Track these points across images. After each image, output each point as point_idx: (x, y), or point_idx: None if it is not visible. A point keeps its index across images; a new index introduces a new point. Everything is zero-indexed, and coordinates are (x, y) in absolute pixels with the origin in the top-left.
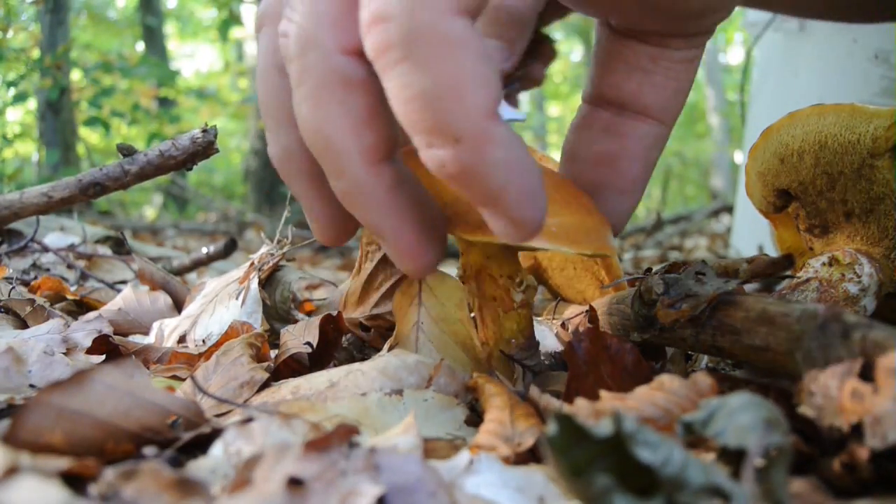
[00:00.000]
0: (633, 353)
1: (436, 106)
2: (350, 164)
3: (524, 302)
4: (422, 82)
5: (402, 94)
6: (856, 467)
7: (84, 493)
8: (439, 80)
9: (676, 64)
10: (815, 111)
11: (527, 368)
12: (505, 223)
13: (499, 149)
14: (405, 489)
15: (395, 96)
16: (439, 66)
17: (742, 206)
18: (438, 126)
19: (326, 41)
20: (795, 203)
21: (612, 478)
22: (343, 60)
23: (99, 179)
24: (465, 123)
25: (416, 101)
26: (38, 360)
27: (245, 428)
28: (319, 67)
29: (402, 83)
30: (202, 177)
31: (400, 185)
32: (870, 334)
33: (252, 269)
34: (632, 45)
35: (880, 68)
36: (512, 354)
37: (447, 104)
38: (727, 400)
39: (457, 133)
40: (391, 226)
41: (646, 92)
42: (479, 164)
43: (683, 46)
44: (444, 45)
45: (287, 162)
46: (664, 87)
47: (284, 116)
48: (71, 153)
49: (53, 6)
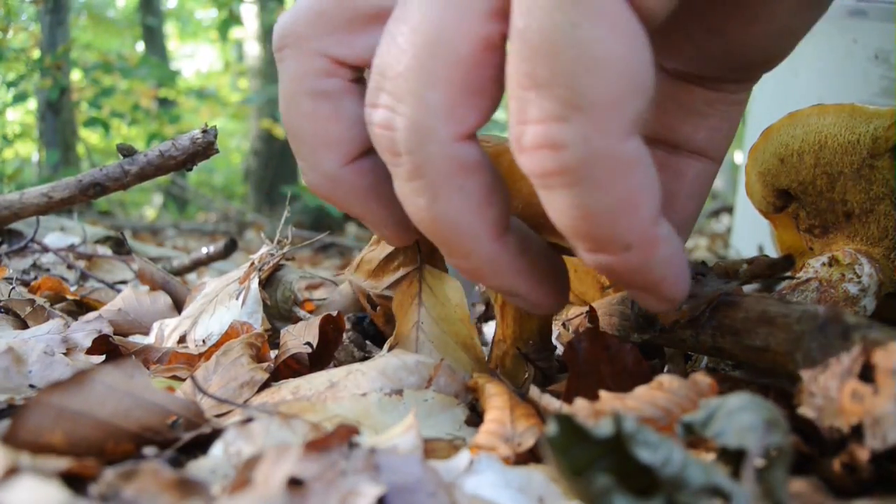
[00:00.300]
0: (633, 353)
1: (609, 222)
2: (477, 244)
3: None
4: (597, 202)
5: (572, 212)
6: (856, 468)
7: (84, 494)
8: (614, 200)
9: (731, 107)
10: (816, 111)
11: (539, 369)
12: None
13: (663, 248)
14: (405, 489)
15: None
16: (615, 188)
17: (742, 207)
18: (610, 239)
19: (443, 132)
20: (795, 203)
21: (612, 478)
22: (460, 148)
23: (99, 180)
24: (637, 235)
25: (588, 218)
26: (38, 361)
27: (245, 428)
28: (438, 159)
29: (573, 203)
30: (202, 177)
31: (525, 248)
32: (870, 335)
33: (252, 269)
34: (688, 89)
35: (880, 68)
36: (528, 354)
37: (621, 220)
38: (727, 400)
39: (628, 244)
40: (523, 287)
41: (700, 134)
42: (646, 266)
43: (738, 90)
44: (621, 168)
45: (335, 187)
46: (718, 129)
47: (323, 142)
48: (71, 153)
49: (53, 6)
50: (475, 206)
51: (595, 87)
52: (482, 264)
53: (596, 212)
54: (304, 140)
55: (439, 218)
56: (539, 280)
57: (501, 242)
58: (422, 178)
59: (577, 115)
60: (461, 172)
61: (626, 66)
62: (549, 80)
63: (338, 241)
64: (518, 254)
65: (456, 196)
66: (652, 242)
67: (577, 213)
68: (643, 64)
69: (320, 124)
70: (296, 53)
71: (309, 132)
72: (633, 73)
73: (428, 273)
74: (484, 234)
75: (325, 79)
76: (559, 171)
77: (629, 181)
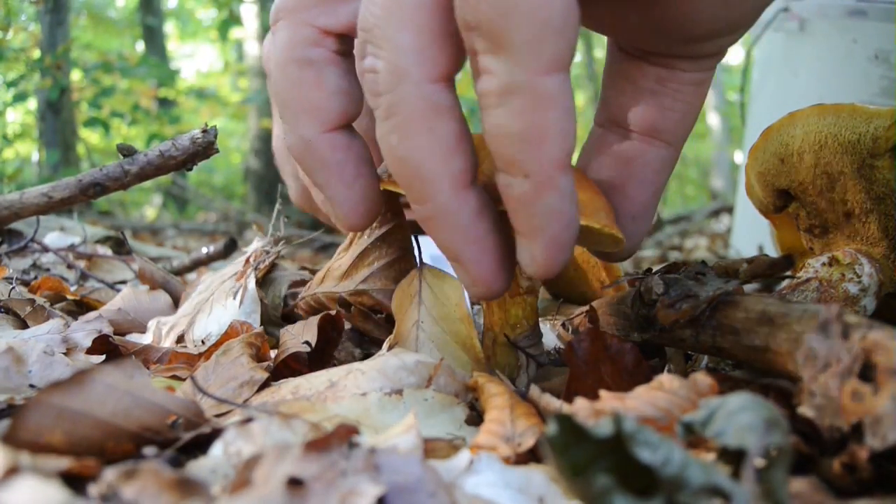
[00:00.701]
0: (633, 352)
1: (517, 145)
2: (438, 189)
3: (530, 289)
4: (511, 125)
5: (494, 130)
6: (856, 467)
7: (84, 494)
8: (526, 127)
9: (684, 86)
10: (815, 111)
11: (531, 357)
12: (528, 257)
13: (554, 195)
14: (405, 489)
15: (488, 128)
16: (528, 116)
17: (742, 207)
18: (514, 161)
19: (416, 73)
20: (795, 203)
21: (612, 478)
22: (433, 88)
23: (99, 180)
24: (536, 166)
25: (504, 138)
26: (38, 360)
27: (245, 428)
28: (411, 97)
29: (496, 122)
30: (202, 177)
31: (483, 211)
32: (870, 334)
33: (247, 265)
34: (639, 66)
35: (880, 68)
36: (516, 341)
37: (527, 147)
38: (727, 400)
39: (527, 172)
40: (471, 252)
41: (653, 114)
42: (534, 201)
43: (691, 69)
44: (537, 100)
45: (307, 152)
46: (672, 110)
47: (304, 107)
48: (71, 153)
49: (53, 6)
50: (443, 149)
51: (513, 30)
52: (437, 212)
53: (510, 133)
54: (288, 104)
55: (407, 157)
56: (487, 253)
57: (462, 195)
58: (395, 115)
59: (501, 53)
60: (432, 113)
61: (537, 12)
62: (476, 25)
63: (338, 240)
64: (475, 214)
65: (425, 137)
66: (548, 180)
67: (498, 132)
68: (560, 7)
69: (304, 90)
70: (287, 24)
71: (293, 97)
72: (544, 17)
73: (428, 272)
74: (447, 181)
75: (311, 48)
76: (488, 94)
77: (542, 114)
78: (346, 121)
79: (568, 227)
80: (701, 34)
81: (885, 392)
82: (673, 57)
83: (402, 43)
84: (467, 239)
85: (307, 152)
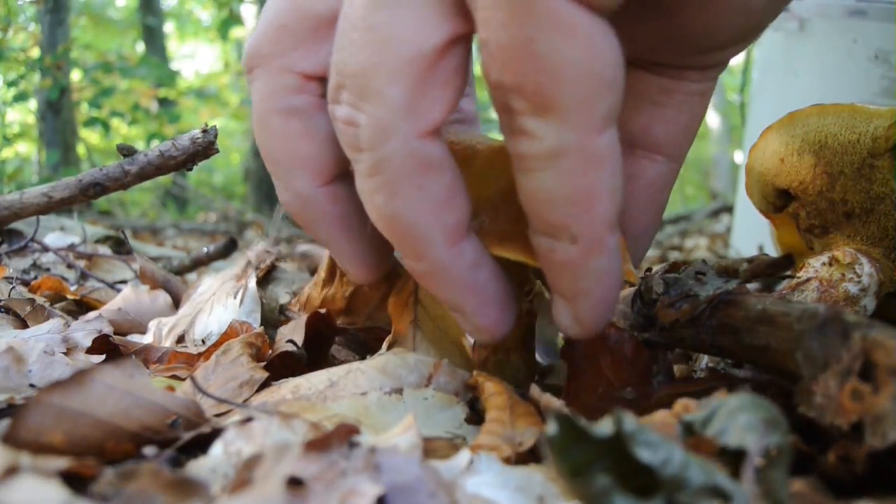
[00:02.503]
0: (632, 342)
1: (566, 209)
2: (431, 247)
3: (529, 311)
4: (560, 188)
5: (539, 194)
6: (850, 460)
7: (84, 493)
8: (576, 189)
9: (690, 97)
10: (816, 111)
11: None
12: (570, 319)
13: (603, 258)
14: (405, 489)
15: (529, 191)
16: (579, 179)
17: (742, 206)
18: (562, 225)
19: (405, 129)
20: (795, 203)
21: (612, 478)
22: (423, 145)
23: (99, 180)
24: (586, 229)
25: (550, 202)
26: (38, 360)
27: (245, 428)
28: (400, 155)
29: (541, 186)
30: (202, 177)
31: (480, 260)
32: (870, 334)
33: (248, 267)
34: (642, 77)
35: (880, 68)
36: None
37: (577, 210)
38: (727, 400)
39: (575, 235)
40: (472, 304)
41: (656, 127)
42: (582, 267)
43: (699, 79)
44: (588, 161)
45: (305, 208)
46: (676, 122)
47: (295, 162)
48: (71, 153)
49: (53, 6)
50: (434, 206)
51: (563, 91)
52: (434, 269)
53: (557, 197)
54: (278, 160)
55: (396, 216)
56: (488, 303)
57: (457, 249)
58: (381, 174)
59: (548, 115)
60: (422, 170)
61: (589, 68)
62: (518, 87)
63: None
64: (471, 267)
65: (415, 195)
66: (598, 243)
67: (543, 197)
68: (607, 61)
69: (292, 142)
70: (264, 73)
71: (281, 151)
72: (597, 72)
73: None
74: (439, 238)
75: (294, 95)
76: (532, 158)
77: (594, 175)
78: (343, 170)
79: (615, 287)
80: (718, 44)
81: (886, 391)
82: (682, 67)
83: (392, 97)
84: (466, 291)
85: (305, 209)
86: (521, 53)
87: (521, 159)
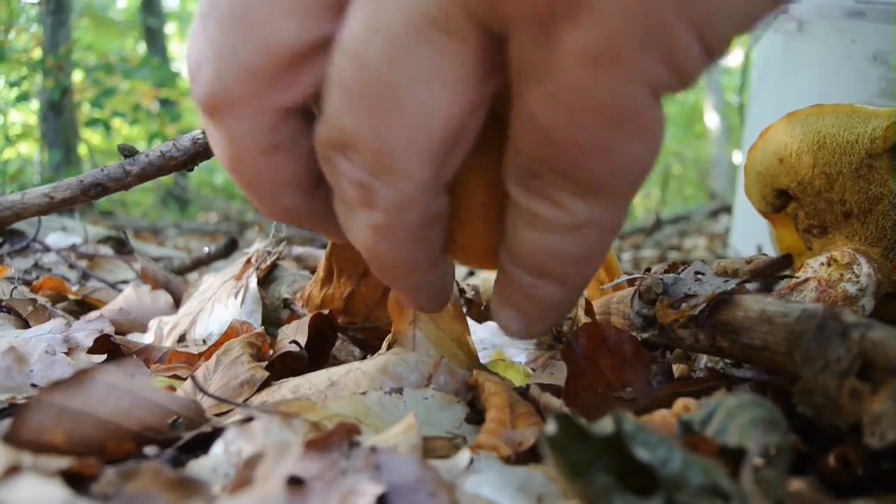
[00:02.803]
0: (632, 342)
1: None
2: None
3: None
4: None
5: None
6: (850, 462)
7: (85, 493)
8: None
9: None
10: (814, 111)
11: None
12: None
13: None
14: (405, 489)
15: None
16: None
17: (741, 207)
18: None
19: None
20: (794, 203)
21: (611, 478)
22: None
23: (100, 180)
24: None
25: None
26: (39, 360)
27: (245, 427)
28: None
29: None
30: (203, 177)
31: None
32: (868, 334)
33: (248, 266)
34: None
35: (879, 69)
36: None
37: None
38: (727, 399)
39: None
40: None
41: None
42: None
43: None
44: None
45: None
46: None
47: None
48: (73, 154)
49: (55, 7)
50: (429, 250)
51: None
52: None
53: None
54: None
55: (388, 258)
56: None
57: (438, 271)
58: (388, 230)
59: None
60: (429, 225)
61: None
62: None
63: None
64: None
65: (415, 245)
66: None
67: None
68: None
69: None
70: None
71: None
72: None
73: None
74: (426, 268)
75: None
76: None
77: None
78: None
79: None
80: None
81: (884, 391)
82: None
83: (419, 177)
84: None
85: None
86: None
87: (538, 219)
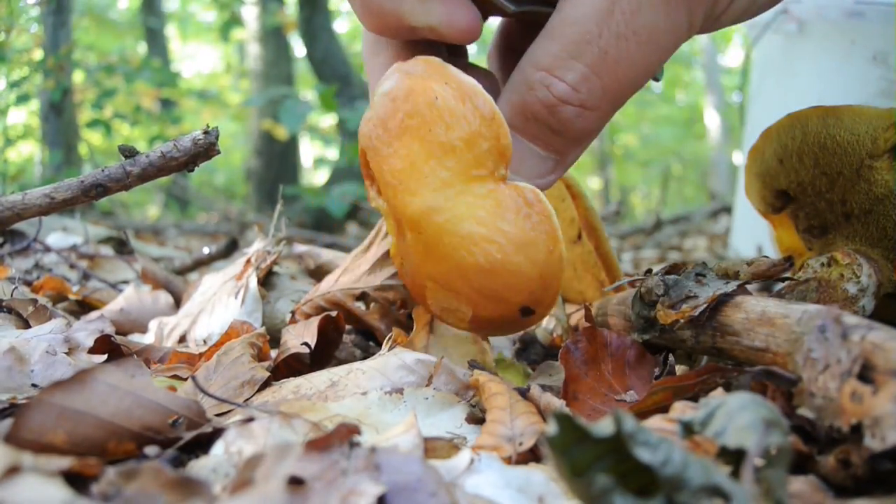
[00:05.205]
0: (635, 347)
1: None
2: None
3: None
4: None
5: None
6: (851, 463)
7: (86, 493)
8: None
9: None
10: (814, 112)
11: None
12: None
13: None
14: (406, 489)
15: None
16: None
17: (741, 207)
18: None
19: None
20: (794, 204)
21: (612, 478)
22: None
23: (101, 181)
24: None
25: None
26: (40, 360)
27: (246, 427)
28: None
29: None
30: (204, 177)
31: None
32: (869, 335)
33: (248, 265)
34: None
35: (879, 69)
36: None
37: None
38: (727, 400)
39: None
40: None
41: None
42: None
43: None
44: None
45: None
46: None
47: None
48: (73, 154)
49: (56, 8)
50: None
51: None
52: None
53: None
54: None
55: None
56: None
57: None
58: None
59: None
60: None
61: None
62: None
63: (338, 241)
64: None
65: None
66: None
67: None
68: None
69: None
70: None
71: None
72: None
73: None
74: None
75: None
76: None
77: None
78: None
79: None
80: None
81: (885, 393)
82: None
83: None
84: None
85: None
86: None
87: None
